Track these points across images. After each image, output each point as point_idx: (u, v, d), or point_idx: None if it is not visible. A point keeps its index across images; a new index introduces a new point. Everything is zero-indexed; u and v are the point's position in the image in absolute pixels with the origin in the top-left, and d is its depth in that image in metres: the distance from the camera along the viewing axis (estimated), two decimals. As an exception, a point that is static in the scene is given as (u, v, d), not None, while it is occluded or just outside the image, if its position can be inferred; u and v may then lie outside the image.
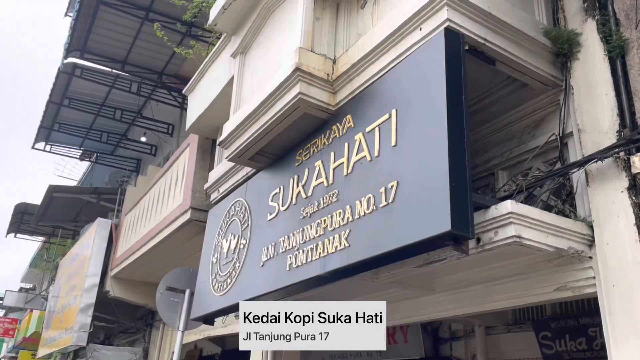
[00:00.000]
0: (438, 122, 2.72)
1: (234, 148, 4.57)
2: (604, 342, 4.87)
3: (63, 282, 13.14)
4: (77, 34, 10.16)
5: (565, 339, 5.31)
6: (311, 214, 3.70)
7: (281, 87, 3.83)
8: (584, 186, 3.06)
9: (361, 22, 3.90)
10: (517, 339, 5.75)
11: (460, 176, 2.60)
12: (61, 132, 14.58)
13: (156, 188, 8.39)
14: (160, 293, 5.91)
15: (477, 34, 3.06)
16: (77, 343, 10.31)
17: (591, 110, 3.11)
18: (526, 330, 5.65)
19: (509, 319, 5.90)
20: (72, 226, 17.22)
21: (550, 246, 2.82)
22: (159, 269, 8.73)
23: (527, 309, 5.67)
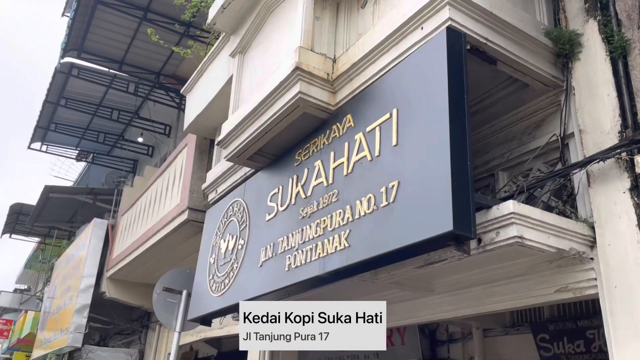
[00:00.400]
0: (440, 121, 2.71)
1: (232, 147, 4.55)
2: (602, 344, 4.92)
3: (58, 283, 13.07)
4: (74, 33, 10.13)
5: (564, 342, 5.29)
6: (310, 214, 3.68)
7: (281, 87, 3.81)
8: (586, 187, 3.04)
9: (361, 22, 3.88)
10: (514, 341, 5.73)
11: (462, 176, 2.58)
12: (57, 132, 14.51)
13: (153, 188, 8.34)
14: (157, 294, 5.88)
15: (478, 34, 3.04)
16: (72, 344, 10.24)
17: (593, 110, 3.10)
18: (524, 333, 5.63)
19: (507, 321, 5.87)
20: (67, 227, 17.13)
21: (551, 247, 2.80)
22: (156, 269, 8.69)
23: (525, 311, 5.65)
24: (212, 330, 7.79)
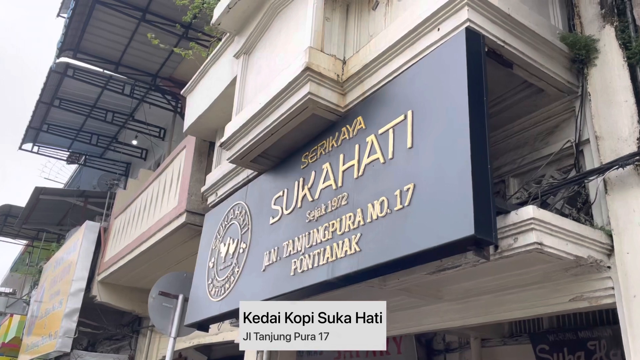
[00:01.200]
0: (459, 123, 2.64)
1: (236, 149, 4.46)
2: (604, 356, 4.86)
3: (47, 287, 12.81)
4: (71, 32, 9.98)
5: (564, 353, 5.22)
6: (318, 218, 3.59)
7: (289, 87, 3.74)
8: (603, 194, 2.99)
9: (372, 24, 3.83)
10: (513, 351, 5.65)
11: (483, 179, 2.52)
12: (50, 133, 14.31)
13: (149, 191, 8.21)
14: (153, 298, 5.75)
15: (496, 36, 2.99)
16: (61, 349, 10.01)
17: (609, 117, 3.06)
18: (522, 343, 5.55)
19: (505, 331, 5.79)
20: (57, 230, 16.82)
21: (570, 254, 2.74)
22: (148, 274, 8.55)
23: (524, 321, 5.58)
24: (205, 336, 7.64)
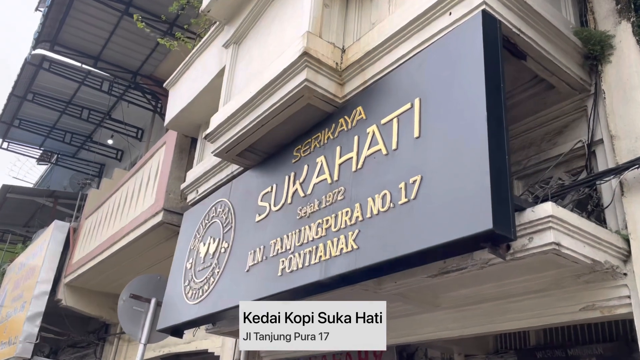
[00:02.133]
0: (475, 110, 2.42)
1: (222, 142, 4.18)
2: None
3: (9, 289, 12.14)
4: (48, 23, 9.54)
5: (552, 371, 5.02)
6: (310, 214, 3.33)
7: (284, 74, 3.49)
8: (618, 196, 2.80)
9: (375, 11, 3.61)
10: (499, 368, 5.43)
11: (501, 170, 2.29)
12: (21, 128, 13.66)
13: (124, 189, 7.81)
14: (123, 301, 5.39)
15: (512, 23, 2.80)
16: (20, 355, 9.40)
17: (626, 115, 2.89)
18: (508, 360, 5.34)
19: (490, 347, 5.57)
20: (23, 231, 16.10)
21: (587, 257, 2.53)
22: (119, 277, 8.09)
23: (509, 336, 5.36)
24: (176, 344, 7.24)
